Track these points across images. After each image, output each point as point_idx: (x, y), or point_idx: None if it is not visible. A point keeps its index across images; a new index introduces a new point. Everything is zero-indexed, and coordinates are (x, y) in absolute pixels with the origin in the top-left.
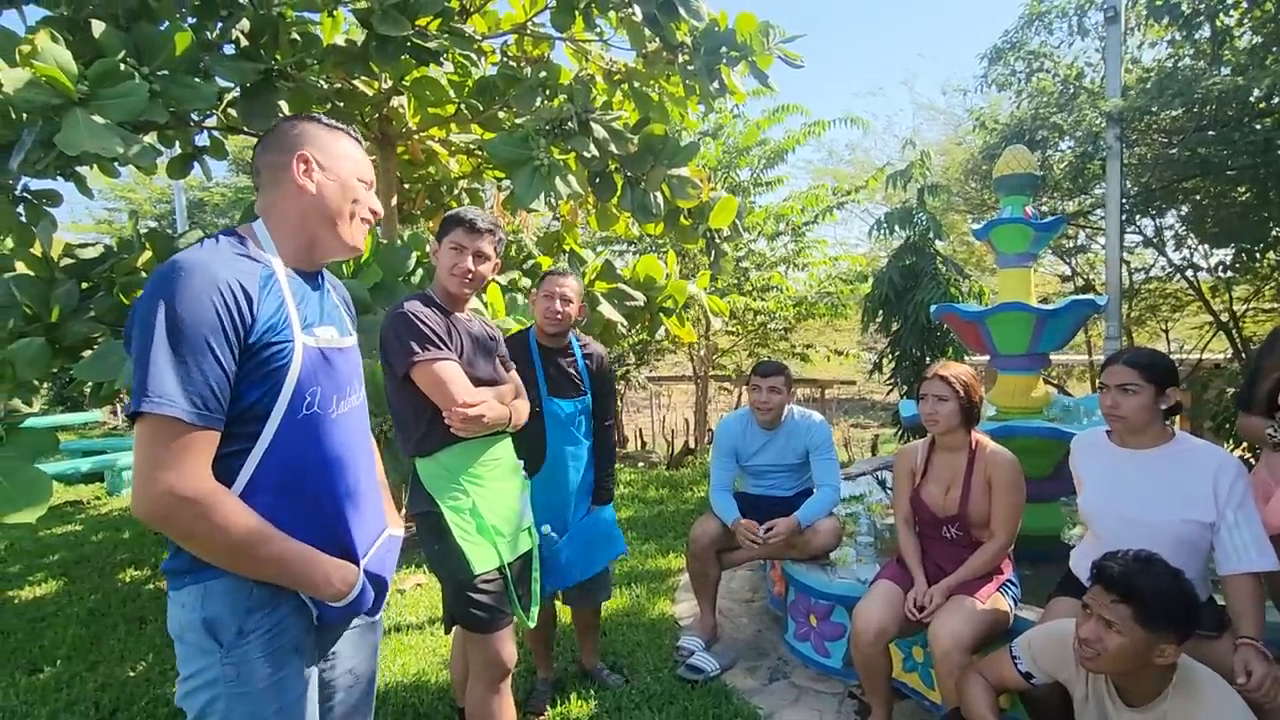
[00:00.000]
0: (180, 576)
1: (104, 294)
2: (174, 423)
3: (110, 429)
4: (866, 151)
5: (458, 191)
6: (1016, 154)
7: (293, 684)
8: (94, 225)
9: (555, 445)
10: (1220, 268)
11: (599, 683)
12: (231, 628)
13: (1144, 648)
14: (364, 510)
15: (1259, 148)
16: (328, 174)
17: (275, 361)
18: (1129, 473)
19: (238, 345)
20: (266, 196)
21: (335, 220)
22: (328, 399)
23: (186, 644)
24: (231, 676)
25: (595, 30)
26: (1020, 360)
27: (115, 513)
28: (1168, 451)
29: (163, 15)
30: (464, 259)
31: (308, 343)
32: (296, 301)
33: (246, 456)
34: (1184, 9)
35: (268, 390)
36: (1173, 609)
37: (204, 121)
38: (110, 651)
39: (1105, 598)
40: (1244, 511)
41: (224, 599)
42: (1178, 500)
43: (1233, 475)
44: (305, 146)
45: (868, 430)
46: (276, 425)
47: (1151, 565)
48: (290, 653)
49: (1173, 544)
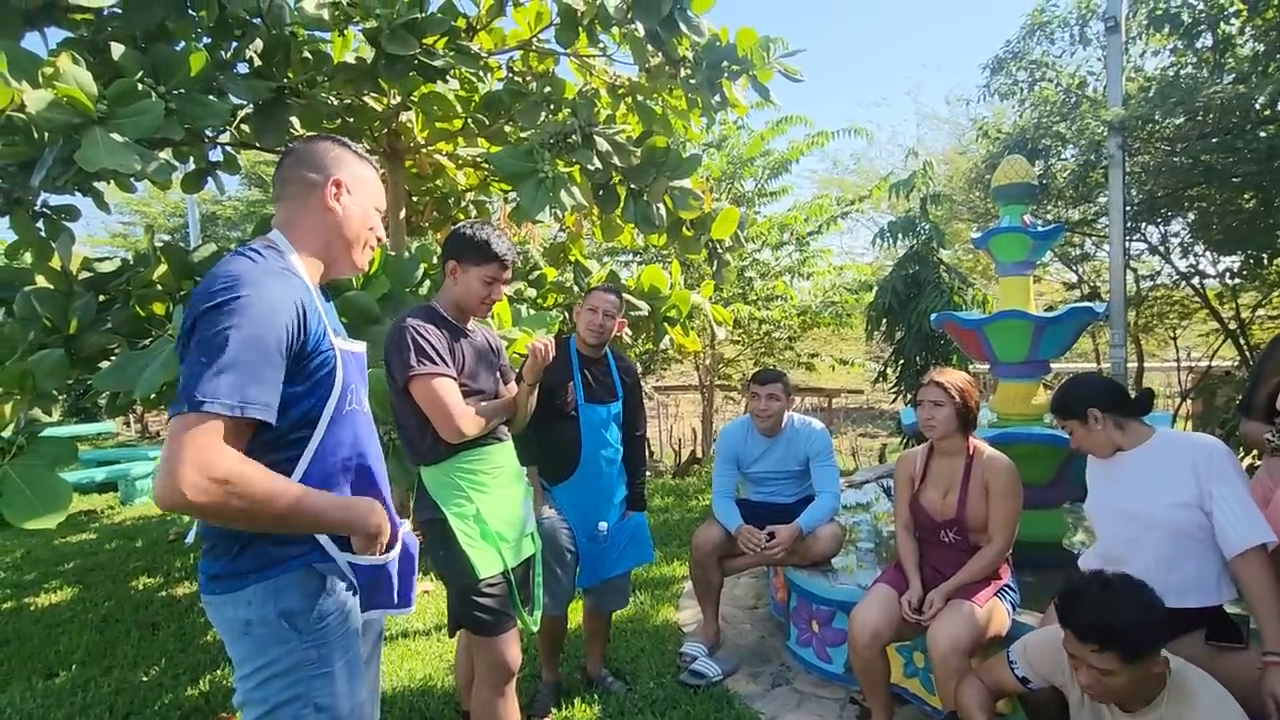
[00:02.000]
0: (243, 578)
1: (121, 306)
2: (241, 423)
3: (123, 440)
4: (871, 161)
5: (465, 204)
6: (1014, 164)
7: (359, 659)
8: (110, 239)
9: (589, 448)
10: (1227, 274)
11: (602, 688)
12: (309, 614)
13: (1142, 673)
14: (388, 495)
15: (1263, 155)
16: (353, 199)
17: (325, 366)
18: (1119, 470)
19: (291, 354)
20: (292, 210)
21: (352, 244)
22: (360, 395)
23: (255, 637)
24: (313, 659)
25: (599, 46)
26: (1020, 368)
27: (129, 521)
28: (1152, 444)
29: (179, 36)
30: (496, 291)
31: (341, 346)
32: (325, 311)
33: (299, 460)
34: (1185, 18)
35: (321, 395)
36: (1151, 631)
37: (218, 137)
38: (124, 657)
39: (1085, 648)
40: (1227, 485)
41: (298, 589)
42: (1162, 487)
43: (1208, 452)
44: (339, 170)
45: (875, 439)
46: (327, 424)
47: (1110, 593)
48: (354, 635)
49: (1171, 536)
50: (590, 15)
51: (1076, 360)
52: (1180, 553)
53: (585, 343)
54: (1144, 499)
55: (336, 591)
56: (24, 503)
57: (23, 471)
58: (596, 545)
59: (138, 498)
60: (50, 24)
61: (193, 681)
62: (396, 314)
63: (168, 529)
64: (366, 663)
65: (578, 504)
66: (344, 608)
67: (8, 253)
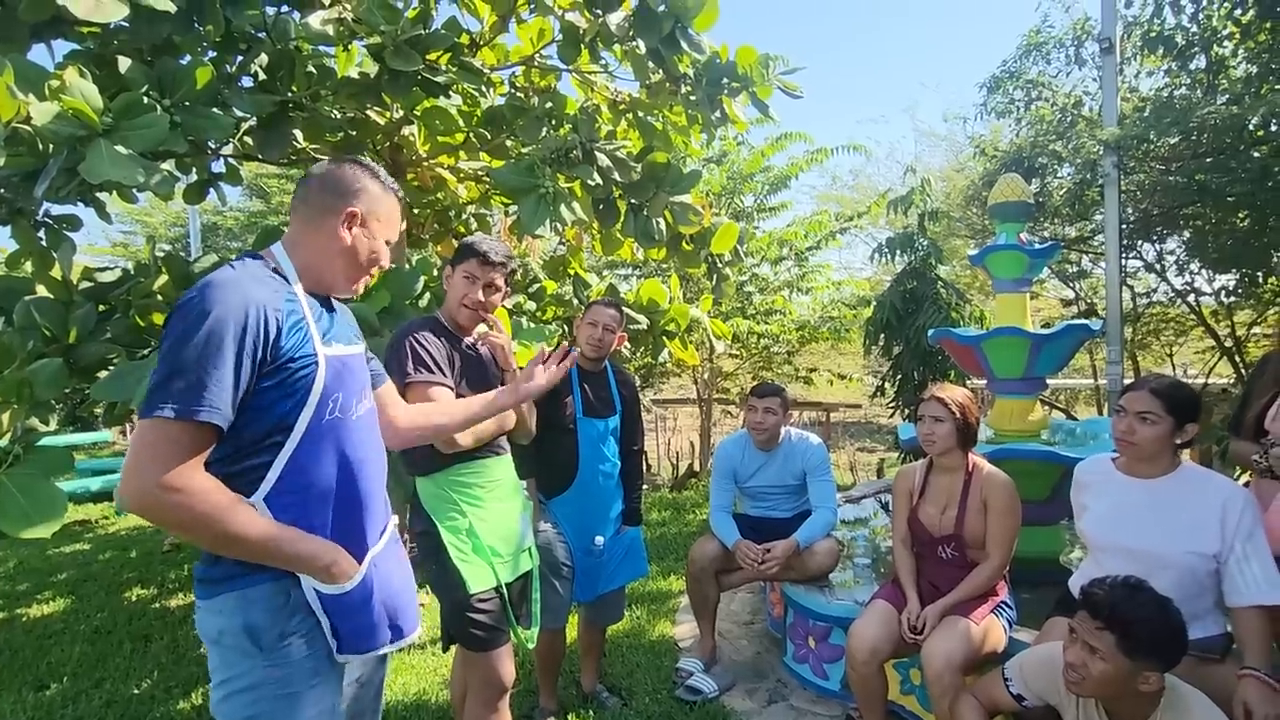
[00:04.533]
0: (218, 584)
1: (120, 316)
2: (199, 428)
3: (119, 449)
4: (869, 177)
5: (466, 217)
6: (1011, 182)
7: (331, 687)
8: (110, 249)
9: (587, 462)
10: (1223, 292)
11: (598, 704)
12: (273, 632)
13: (1127, 674)
14: (376, 506)
15: (1256, 175)
16: (365, 231)
17: (301, 374)
18: (1134, 501)
19: (262, 360)
20: (302, 229)
21: (352, 271)
22: (349, 403)
23: (225, 648)
24: (276, 678)
25: (600, 62)
26: (1017, 384)
27: (123, 532)
28: (1174, 481)
29: (185, 50)
30: (475, 290)
31: (328, 353)
32: (315, 318)
33: (271, 466)
34: (1179, 40)
35: (296, 402)
36: (1157, 638)
37: (221, 149)
38: (115, 669)
39: (1091, 623)
40: (1253, 544)
41: (265, 604)
42: (1183, 532)
43: (1240, 506)
44: (358, 203)
45: (874, 454)
46: (302, 433)
47: (1138, 593)
48: (325, 657)
49: (1177, 574)
50: (592, 33)
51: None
52: (1185, 595)
53: (585, 356)
54: (1162, 540)
55: (306, 610)
56: (18, 512)
57: (18, 480)
58: (592, 559)
59: None
60: (57, 37)
61: (185, 695)
62: (396, 326)
63: (162, 539)
64: (366, 684)
65: (574, 517)
66: (315, 629)
67: (9, 262)
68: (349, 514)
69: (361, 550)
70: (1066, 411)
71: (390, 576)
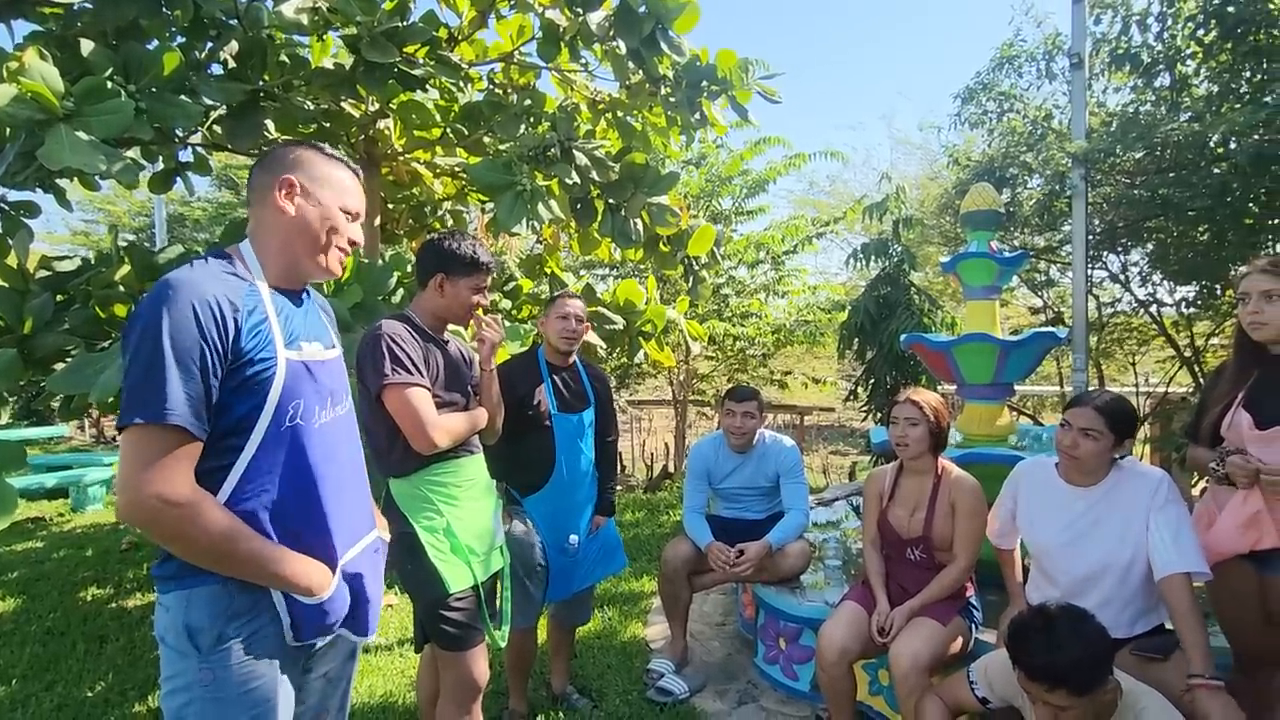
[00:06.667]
0: (167, 582)
1: (79, 307)
2: (169, 431)
3: (76, 444)
4: (846, 183)
5: (442, 213)
6: (982, 191)
7: (267, 693)
8: (71, 237)
9: (563, 458)
10: (1183, 304)
11: (568, 706)
12: (211, 634)
13: (1095, 703)
14: (345, 516)
15: (1216, 191)
16: (310, 200)
17: (260, 376)
18: (1078, 514)
19: (223, 361)
20: (254, 216)
21: (313, 246)
22: (310, 410)
23: (168, 647)
24: (208, 681)
25: (580, 61)
26: (986, 389)
27: (79, 530)
28: (1109, 485)
29: (152, 35)
30: (483, 300)
31: (291, 357)
32: (281, 318)
33: (231, 468)
34: (1144, 58)
35: (254, 404)
36: (1097, 664)
37: (188, 138)
38: (68, 671)
39: (1040, 689)
40: (1164, 516)
41: (205, 606)
42: (1118, 534)
43: (1153, 487)
44: (294, 171)
45: (846, 457)
46: (261, 437)
47: (1055, 631)
48: (266, 662)
49: (1118, 576)
50: (572, 31)
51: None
52: (1135, 591)
53: (557, 351)
54: (1098, 546)
55: (248, 615)
56: None
57: None
58: (566, 558)
59: (90, 505)
60: (17, 17)
61: (141, 697)
62: (369, 323)
63: (120, 538)
64: (334, 680)
65: (549, 516)
66: (256, 634)
67: None
68: (311, 524)
69: (328, 560)
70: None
71: (361, 580)
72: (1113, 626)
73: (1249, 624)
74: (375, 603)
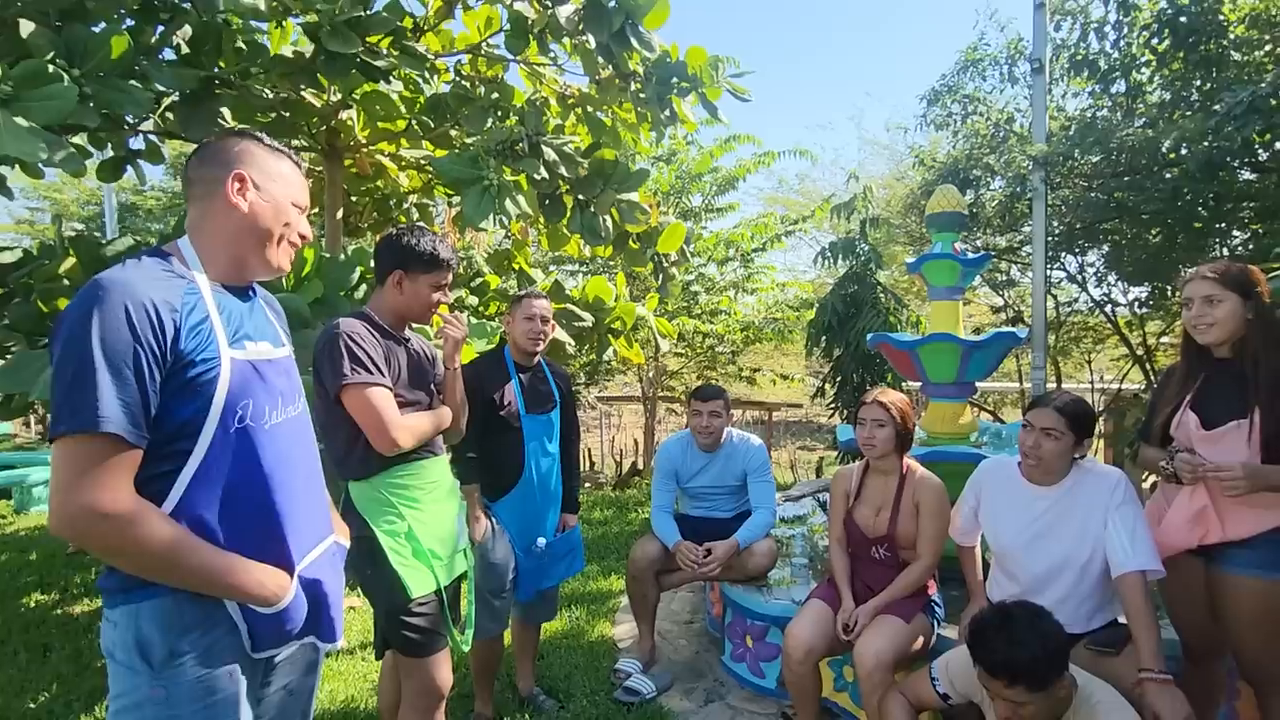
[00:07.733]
0: (113, 595)
1: (21, 301)
2: (102, 440)
3: (20, 443)
4: (814, 182)
5: (407, 206)
6: (946, 193)
7: (223, 709)
8: (13, 226)
9: (532, 457)
10: (1136, 304)
11: (534, 707)
12: (163, 649)
13: (1051, 698)
14: (301, 520)
15: (1168, 195)
16: (262, 195)
17: (203, 378)
18: (1039, 513)
19: (161, 364)
20: (197, 210)
21: (264, 242)
22: (260, 411)
23: (117, 663)
24: (160, 699)
25: (549, 55)
26: (949, 388)
27: (22, 532)
28: (1071, 485)
29: (99, 16)
30: (445, 297)
31: (237, 356)
32: (224, 317)
33: (179, 474)
34: (1102, 65)
35: (198, 407)
36: (1053, 660)
37: (139, 125)
38: (9, 682)
39: (999, 685)
40: (1120, 513)
41: (156, 620)
42: (1077, 533)
43: (1111, 485)
44: (243, 165)
45: (814, 452)
46: (209, 441)
47: (1011, 627)
48: (222, 677)
49: (1076, 573)
50: (541, 24)
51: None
52: (1092, 587)
53: (524, 351)
54: (1067, 548)
55: (201, 629)
56: None
57: None
58: (533, 559)
59: (34, 506)
60: None
61: (86, 709)
62: (329, 319)
63: (67, 542)
64: (295, 693)
65: (518, 518)
66: (210, 648)
67: None
68: (266, 529)
69: (285, 566)
70: (994, 414)
71: (320, 586)
72: (1070, 622)
73: (1195, 617)
74: (338, 607)
